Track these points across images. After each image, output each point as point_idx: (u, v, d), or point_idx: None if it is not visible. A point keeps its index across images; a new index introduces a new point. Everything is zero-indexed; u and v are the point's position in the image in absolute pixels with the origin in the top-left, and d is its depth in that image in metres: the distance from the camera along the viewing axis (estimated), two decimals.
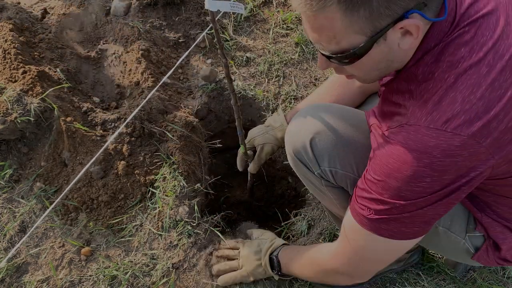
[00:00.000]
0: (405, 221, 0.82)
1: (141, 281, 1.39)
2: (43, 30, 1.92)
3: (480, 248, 1.04)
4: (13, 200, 1.57)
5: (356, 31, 0.72)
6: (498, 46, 0.72)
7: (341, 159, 1.03)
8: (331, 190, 1.14)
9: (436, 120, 0.72)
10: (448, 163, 0.72)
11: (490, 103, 0.70)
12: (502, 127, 0.71)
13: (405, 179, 0.77)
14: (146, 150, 1.63)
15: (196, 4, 2.13)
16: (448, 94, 0.72)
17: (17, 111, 1.52)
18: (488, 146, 0.72)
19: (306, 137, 1.05)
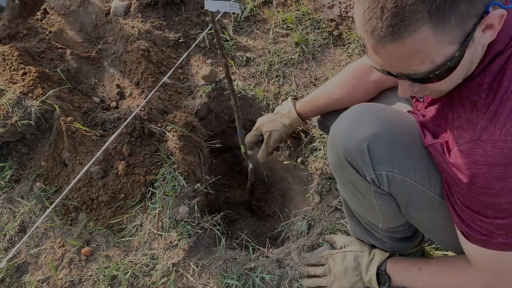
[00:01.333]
0: None
1: (141, 281, 1.39)
2: (43, 30, 1.92)
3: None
4: (13, 200, 1.57)
5: (450, 42, 0.69)
6: None
7: (399, 163, 0.97)
8: (378, 197, 1.06)
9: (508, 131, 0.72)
10: None
11: None
12: None
13: (500, 192, 0.77)
14: (146, 150, 1.63)
15: (196, 4, 2.13)
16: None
17: (18, 114, 1.52)
18: None
19: (362, 138, 0.96)
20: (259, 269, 1.42)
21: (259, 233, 1.92)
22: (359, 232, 1.30)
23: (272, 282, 1.39)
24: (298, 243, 1.52)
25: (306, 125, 1.76)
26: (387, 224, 1.19)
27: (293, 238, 1.60)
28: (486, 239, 0.87)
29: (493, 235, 0.85)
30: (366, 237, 1.28)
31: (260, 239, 1.83)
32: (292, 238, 1.60)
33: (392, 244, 1.25)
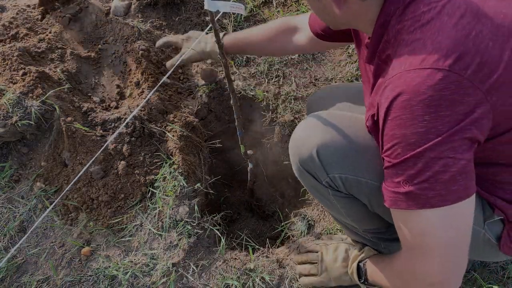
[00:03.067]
0: (438, 175, 0.78)
1: (141, 281, 1.39)
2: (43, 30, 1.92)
3: (501, 235, 0.99)
4: (13, 200, 1.57)
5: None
6: (454, 1, 0.79)
7: (350, 165, 1.02)
8: (339, 200, 1.12)
9: (413, 63, 0.77)
10: (438, 98, 0.74)
11: (458, 40, 0.75)
12: (477, 60, 0.74)
13: (406, 122, 0.77)
14: (146, 150, 1.63)
15: (196, 4, 2.13)
16: (417, 41, 0.78)
17: (18, 114, 1.52)
18: (471, 79, 0.74)
19: (312, 145, 1.04)
20: (259, 269, 1.42)
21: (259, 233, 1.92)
22: (353, 236, 1.33)
23: (272, 282, 1.39)
24: (298, 243, 1.52)
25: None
26: (362, 225, 1.22)
27: (293, 238, 1.60)
28: (395, 197, 0.84)
29: (399, 186, 0.82)
30: (360, 239, 1.31)
31: (260, 239, 1.83)
32: (292, 238, 1.60)
33: (386, 244, 1.26)
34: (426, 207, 0.80)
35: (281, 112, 1.85)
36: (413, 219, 0.84)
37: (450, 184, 0.78)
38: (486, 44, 0.76)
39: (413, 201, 0.81)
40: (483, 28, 0.77)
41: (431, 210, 0.80)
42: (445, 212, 0.80)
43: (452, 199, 0.79)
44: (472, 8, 0.79)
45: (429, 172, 0.78)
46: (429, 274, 0.86)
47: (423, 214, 0.81)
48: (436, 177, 0.77)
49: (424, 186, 0.79)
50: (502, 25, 0.79)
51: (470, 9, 0.78)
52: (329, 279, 1.29)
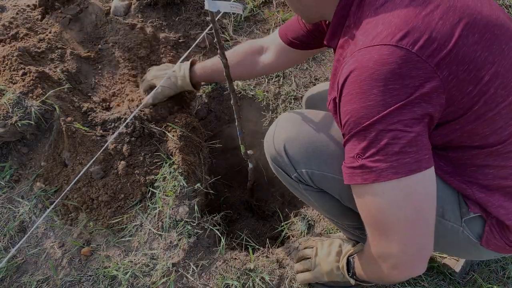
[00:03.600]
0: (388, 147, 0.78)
1: (141, 281, 1.39)
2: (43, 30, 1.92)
3: (484, 231, 0.98)
4: (13, 200, 1.57)
5: None
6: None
7: (315, 160, 1.05)
8: (310, 194, 1.15)
9: (365, 42, 0.80)
10: (386, 71, 0.76)
11: (407, 18, 0.78)
12: (426, 36, 0.76)
13: (356, 97, 0.79)
14: (146, 150, 1.63)
15: (196, 4, 2.13)
16: (370, 22, 0.82)
17: (17, 114, 1.52)
18: (419, 54, 0.75)
19: (280, 142, 1.09)
20: (259, 269, 1.42)
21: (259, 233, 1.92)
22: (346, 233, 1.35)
23: (272, 282, 1.39)
24: (298, 243, 1.52)
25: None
26: (341, 220, 1.25)
27: (293, 238, 1.60)
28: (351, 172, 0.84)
29: (354, 161, 0.83)
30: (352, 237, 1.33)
31: (260, 239, 1.83)
32: (292, 238, 1.60)
33: None
34: (380, 180, 0.80)
35: (281, 112, 1.85)
36: (369, 193, 0.84)
37: (400, 156, 0.78)
38: (436, 22, 0.78)
39: (367, 175, 0.81)
40: (434, 9, 0.79)
41: (384, 183, 0.80)
42: (399, 186, 0.80)
43: (404, 171, 0.79)
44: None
45: (379, 144, 0.78)
46: (392, 254, 0.86)
47: (378, 188, 0.81)
48: (386, 149, 0.78)
49: (376, 159, 0.79)
50: (454, 6, 0.81)
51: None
52: (321, 274, 1.29)
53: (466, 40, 0.78)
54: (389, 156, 0.78)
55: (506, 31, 0.84)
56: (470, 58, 0.79)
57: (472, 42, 0.79)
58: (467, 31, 0.79)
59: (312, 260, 1.33)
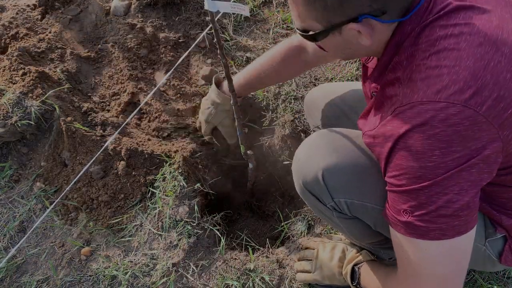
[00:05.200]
0: (441, 211, 0.77)
1: (141, 281, 1.39)
2: (43, 30, 1.92)
3: (503, 250, 0.99)
4: (13, 200, 1.57)
5: (314, 18, 0.80)
6: (473, 26, 0.75)
7: (356, 190, 1.00)
8: (343, 221, 1.10)
9: (428, 94, 0.73)
10: (450, 133, 0.71)
11: (476, 72, 0.72)
12: (494, 95, 0.71)
13: (416, 155, 0.75)
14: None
15: (196, 4, 2.13)
16: (433, 69, 0.74)
17: (17, 114, 1.52)
18: (486, 115, 0.71)
19: (317, 168, 1.01)
20: (259, 269, 1.42)
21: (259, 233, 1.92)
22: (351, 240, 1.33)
23: (272, 283, 1.39)
24: (298, 243, 1.52)
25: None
26: (364, 241, 1.22)
27: (293, 238, 1.60)
28: (394, 219, 0.83)
29: (400, 213, 0.81)
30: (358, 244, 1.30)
31: (260, 239, 1.83)
32: (292, 238, 1.60)
33: (387, 252, 1.25)
34: (425, 238, 0.79)
35: (281, 112, 1.85)
36: (411, 245, 0.83)
37: (451, 220, 0.77)
38: (505, 76, 0.72)
39: (413, 230, 0.80)
40: (501, 58, 0.73)
41: (429, 241, 0.79)
42: (443, 246, 0.79)
43: (451, 234, 0.78)
44: (491, 35, 0.75)
45: (431, 206, 0.76)
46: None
47: (422, 244, 0.81)
48: (438, 212, 0.76)
49: (425, 219, 0.78)
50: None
51: (489, 36, 0.74)
52: (322, 277, 1.29)
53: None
54: (439, 218, 0.77)
55: None
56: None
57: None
58: None
59: (313, 262, 1.32)
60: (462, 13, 0.77)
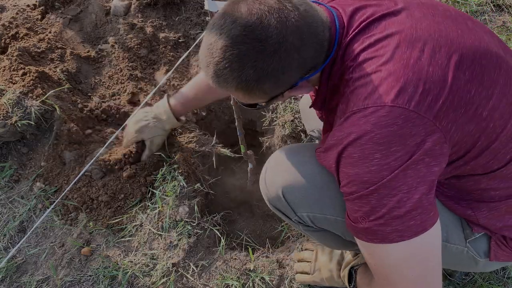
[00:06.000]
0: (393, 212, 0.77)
1: (141, 281, 1.39)
2: (43, 30, 1.92)
3: (490, 247, 0.98)
4: (13, 200, 1.57)
5: (255, 99, 0.88)
6: (386, 32, 0.80)
7: (316, 203, 1.02)
8: (313, 234, 1.13)
9: (357, 103, 0.77)
10: (386, 134, 0.73)
11: (397, 72, 0.75)
12: (420, 90, 0.74)
13: (358, 161, 0.77)
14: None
15: (196, 4, 2.13)
16: (358, 80, 0.79)
17: (17, 114, 1.52)
18: (417, 110, 0.73)
19: (278, 187, 1.05)
20: (259, 269, 1.42)
21: (259, 233, 1.92)
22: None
23: (272, 283, 1.39)
24: (298, 243, 1.52)
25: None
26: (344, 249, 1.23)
27: (293, 238, 1.60)
28: (354, 227, 0.84)
29: (357, 220, 0.82)
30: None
31: (260, 239, 1.83)
32: (292, 238, 1.60)
33: None
34: (385, 242, 0.79)
35: (281, 112, 1.85)
36: (375, 252, 0.83)
37: (405, 220, 0.77)
38: (427, 70, 0.75)
39: (372, 236, 0.81)
40: (420, 54, 0.76)
41: (389, 245, 0.80)
42: (405, 248, 0.79)
43: (409, 235, 0.78)
44: (406, 35, 0.78)
45: (384, 209, 0.77)
46: None
47: (383, 249, 0.81)
48: (391, 213, 0.77)
49: (380, 223, 0.78)
50: (439, 45, 0.78)
51: (404, 37, 0.78)
52: (321, 279, 1.30)
53: (458, 82, 0.76)
54: (393, 220, 0.77)
55: (492, 57, 0.82)
56: (466, 99, 0.77)
57: (464, 82, 0.77)
58: (458, 71, 0.76)
59: (312, 264, 1.33)
60: (376, 24, 0.82)
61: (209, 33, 0.80)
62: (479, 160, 0.84)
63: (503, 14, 1.95)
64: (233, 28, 0.75)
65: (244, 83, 0.79)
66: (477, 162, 0.85)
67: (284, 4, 0.77)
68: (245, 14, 0.75)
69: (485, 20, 1.92)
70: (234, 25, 0.75)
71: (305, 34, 0.78)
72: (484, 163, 0.85)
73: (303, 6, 0.79)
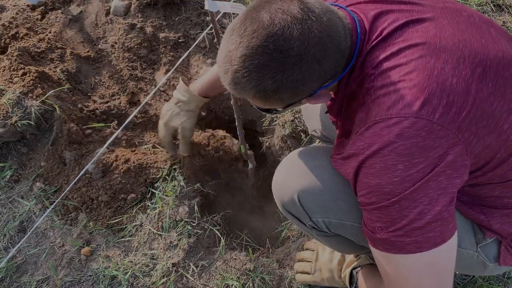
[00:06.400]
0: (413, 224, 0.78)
1: (141, 281, 1.39)
2: (43, 30, 1.92)
3: (499, 252, 0.99)
4: (13, 200, 1.57)
5: (274, 105, 0.86)
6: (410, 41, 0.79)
7: (333, 209, 1.01)
8: (324, 238, 1.13)
9: (380, 113, 0.76)
10: (409, 145, 0.73)
11: (421, 83, 0.74)
12: (444, 101, 0.73)
13: (380, 172, 0.76)
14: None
15: (196, 4, 2.13)
16: (380, 89, 0.77)
17: (17, 114, 1.52)
18: (440, 122, 0.72)
19: (293, 191, 1.03)
20: (259, 269, 1.42)
21: (259, 233, 1.92)
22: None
23: (272, 283, 1.39)
24: (298, 243, 1.52)
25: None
26: (353, 253, 1.23)
27: (293, 238, 1.60)
28: (371, 236, 0.83)
29: (375, 230, 0.82)
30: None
31: (260, 239, 1.83)
32: (292, 238, 1.60)
33: None
34: (402, 253, 0.79)
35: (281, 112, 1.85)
36: (390, 262, 0.83)
37: (426, 232, 0.77)
38: (451, 82, 0.74)
39: (390, 246, 0.80)
40: (444, 65, 0.75)
41: (407, 255, 0.79)
42: (422, 259, 0.79)
43: (427, 246, 0.78)
44: (430, 45, 0.77)
45: (404, 221, 0.77)
46: None
47: (400, 260, 0.81)
48: (411, 225, 0.76)
49: (399, 234, 0.78)
50: (463, 56, 0.77)
51: (428, 47, 0.77)
52: (322, 279, 1.30)
53: (482, 94, 0.75)
54: (413, 232, 0.77)
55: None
56: (488, 112, 0.76)
57: (487, 95, 0.76)
58: (481, 84, 0.75)
59: (313, 264, 1.33)
60: (399, 32, 0.80)
61: (228, 38, 0.78)
62: (497, 171, 0.84)
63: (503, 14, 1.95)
64: (254, 38, 0.73)
65: (262, 93, 0.78)
66: (495, 172, 0.84)
67: (307, 14, 0.74)
68: (267, 23, 0.73)
69: None
70: (256, 34, 0.73)
71: (327, 45, 0.76)
72: (502, 173, 0.85)
73: (326, 15, 0.77)
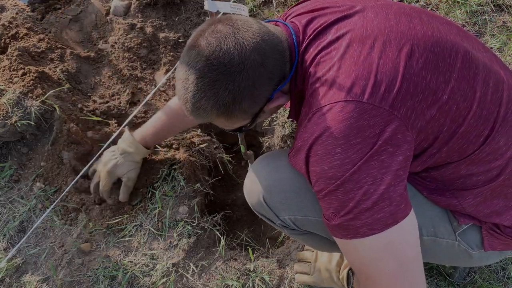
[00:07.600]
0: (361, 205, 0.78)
1: (141, 281, 1.39)
2: (43, 30, 1.92)
3: (482, 237, 0.97)
4: (13, 200, 1.57)
5: (239, 121, 0.92)
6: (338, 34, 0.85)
7: (296, 206, 1.03)
8: (298, 237, 1.15)
9: (316, 104, 0.81)
10: (343, 128, 0.76)
11: (347, 69, 0.79)
12: (371, 82, 0.76)
13: (321, 158, 0.79)
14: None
15: (196, 4, 2.13)
16: (315, 83, 0.83)
17: (17, 114, 1.52)
18: (371, 101, 0.75)
19: (259, 193, 1.07)
20: (259, 269, 1.42)
21: (259, 233, 1.92)
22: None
23: (272, 283, 1.39)
24: (298, 243, 1.52)
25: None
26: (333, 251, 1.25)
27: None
28: (329, 224, 0.84)
29: (330, 218, 0.83)
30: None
31: (260, 239, 1.83)
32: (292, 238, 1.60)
33: None
34: (357, 237, 0.79)
35: (281, 112, 1.85)
36: (350, 248, 0.84)
37: (374, 212, 0.77)
38: (377, 63, 0.78)
39: (345, 232, 0.81)
40: (370, 50, 0.80)
41: (362, 239, 0.79)
42: (377, 241, 0.79)
43: (379, 228, 0.78)
44: (356, 34, 0.83)
45: (351, 203, 0.77)
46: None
47: (357, 244, 0.81)
48: (359, 207, 0.77)
49: (350, 217, 0.78)
50: (389, 39, 0.81)
51: (354, 36, 0.82)
52: (321, 280, 1.31)
53: (411, 70, 0.78)
54: (362, 214, 0.77)
55: (446, 43, 0.84)
56: (422, 86, 0.78)
57: (418, 70, 0.78)
58: (410, 61, 0.78)
59: (312, 265, 1.34)
60: (328, 29, 0.87)
61: (179, 70, 0.86)
62: (452, 145, 0.85)
63: (503, 14, 1.95)
64: (199, 61, 0.81)
65: (223, 108, 0.84)
66: (450, 147, 0.85)
67: (237, 28, 0.83)
68: (204, 46, 0.81)
69: (485, 20, 1.92)
70: (199, 57, 0.81)
71: (264, 48, 0.83)
72: (458, 148, 0.85)
73: (256, 25, 0.85)
